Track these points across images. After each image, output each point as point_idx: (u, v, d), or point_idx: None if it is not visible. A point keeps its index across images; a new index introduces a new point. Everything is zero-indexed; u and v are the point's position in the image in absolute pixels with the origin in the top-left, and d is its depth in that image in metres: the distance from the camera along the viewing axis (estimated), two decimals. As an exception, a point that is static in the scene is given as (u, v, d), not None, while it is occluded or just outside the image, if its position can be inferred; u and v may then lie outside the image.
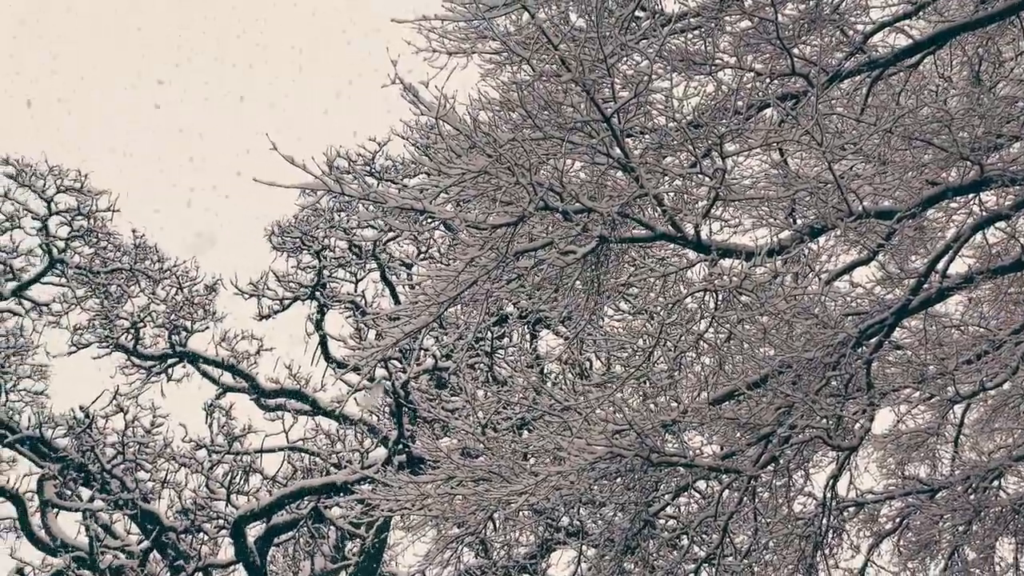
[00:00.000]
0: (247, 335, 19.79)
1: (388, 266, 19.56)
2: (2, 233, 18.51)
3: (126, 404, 18.74)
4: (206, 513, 18.31)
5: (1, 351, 19.20)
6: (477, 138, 8.66)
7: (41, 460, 18.31)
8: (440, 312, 9.26)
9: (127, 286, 19.53)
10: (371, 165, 19.35)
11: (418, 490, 10.93)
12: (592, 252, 9.11)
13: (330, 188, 8.95)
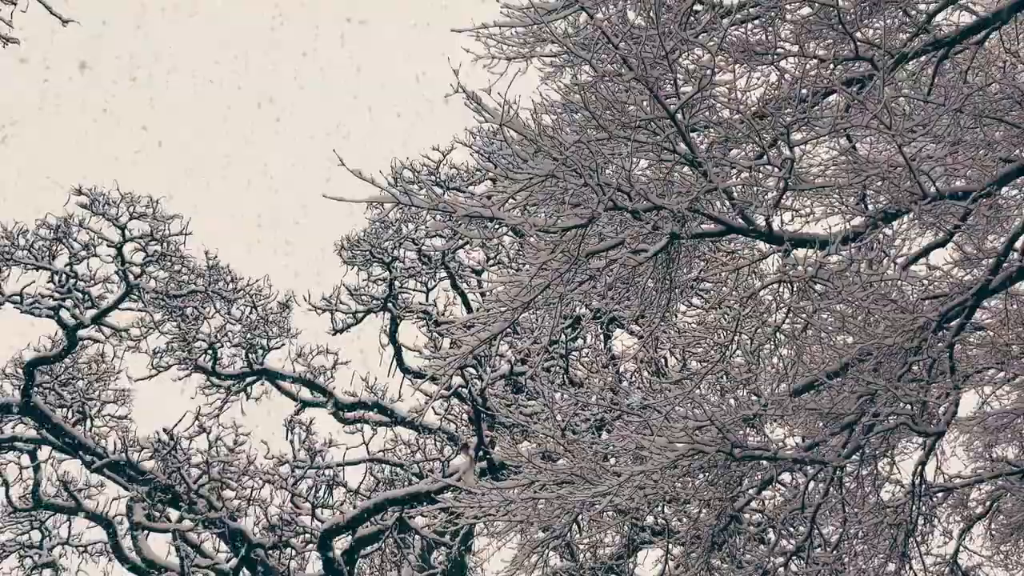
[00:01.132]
0: (322, 350, 19.98)
1: (458, 274, 19.64)
2: (79, 262, 18.82)
3: (208, 424, 19.00)
4: (293, 528, 18.50)
5: (84, 378, 19.54)
6: (542, 142, 8.67)
7: (128, 483, 18.61)
8: (515, 318, 9.27)
9: (202, 307, 19.77)
10: (436, 174, 19.44)
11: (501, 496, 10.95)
12: (663, 249, 9.08)
13: (399, 200, 9.01)
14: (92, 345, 19.60)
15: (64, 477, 19.52)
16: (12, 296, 18.30)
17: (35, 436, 19.23)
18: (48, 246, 18.65)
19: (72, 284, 18.57)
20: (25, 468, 19.57)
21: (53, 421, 18.81)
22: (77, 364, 19.62)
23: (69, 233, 18.73)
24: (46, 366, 18.90)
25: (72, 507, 19.39)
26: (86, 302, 18.77)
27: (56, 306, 18.54)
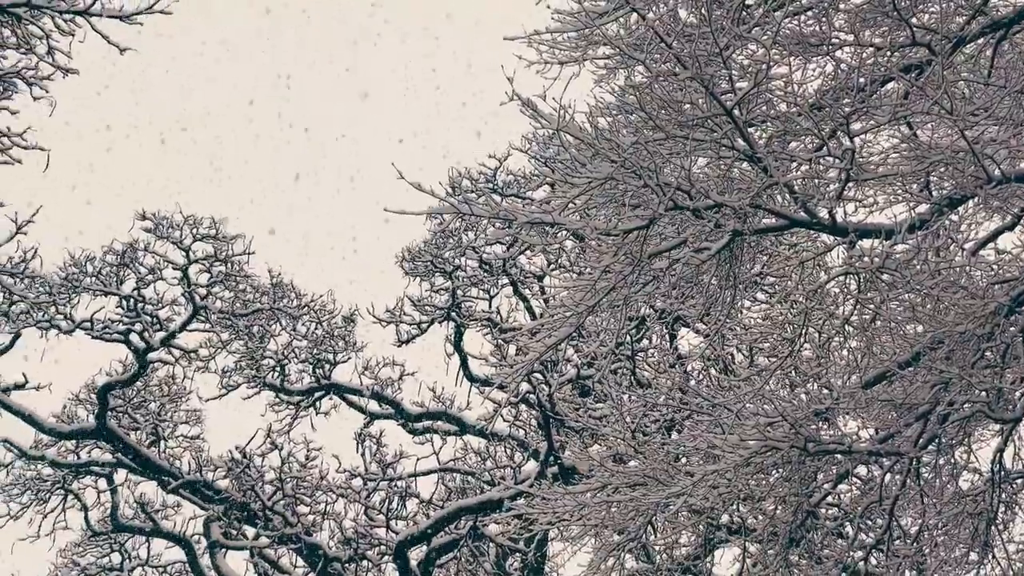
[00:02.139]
0: (388, 362, 20.09)
1: (520, 280, 19.66)
2: (146, 286, 19.06)
3: (279, 441, 19.17)
4: (368, 541, 18.61)
5: (156, 400, 19.79)
6: (600, 145, 8.67)
7: (204, 503, 18.82)
8: (580, 322, 9.28)
9: (268, 325, 19.95)
10: (493, 181, 19.49)
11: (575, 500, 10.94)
12: (726, 247, 9.04)
13: (460, 211, 9.05)
14: (162, 367, 19.85)
15: (141, 499, 19.79)
16: (83, 322, 18.56)
17: (111, 460, 19.50)
18: (115, 271, 18.91)
19: (140, 308, 18.82)
20: (103, 492, 19.86)
21: (128, 444, 19.06)
22: (148, 387, 19.88)
23: (135, 258, 18.98)
24: (119, 390, 19.16)
25: (150, 528, 19.65)
26: (155, 325, 19.00)
27: (126, 330, 18.79)
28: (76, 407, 19.59)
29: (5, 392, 18.30)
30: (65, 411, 19.49)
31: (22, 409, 18.61)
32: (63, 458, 19.52)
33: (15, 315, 17.86)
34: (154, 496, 19.85)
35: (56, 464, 19.40)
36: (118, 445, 19.08)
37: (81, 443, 19.46)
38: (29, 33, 13.21)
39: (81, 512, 19.76)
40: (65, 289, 18.40)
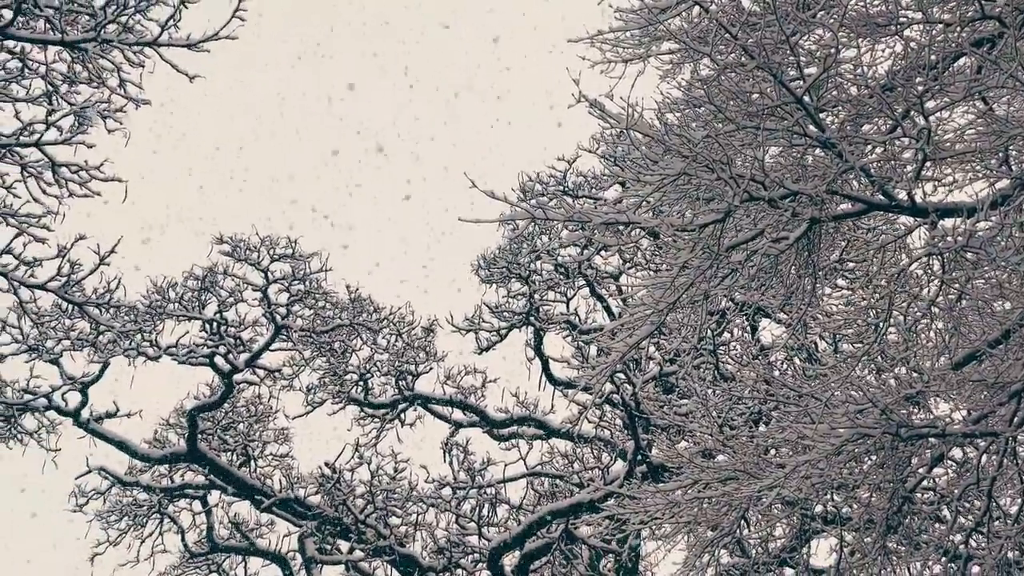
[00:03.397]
0: (470, 370, 20.14)
1: (596, 281, 19.62)
2: (228, 308, 19.30)
3: (367, 454, 19.31)
4: (461, 549, 18.68)
5: (244, 420, 20.04)
6: (670, 141, 8.64)
7: (298, 519, 19.01)
8: (661, 320, 9.25)
9: (349, 340, 20.10)
10: (564, 184, 19.48)
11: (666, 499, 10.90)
12: (804, 235, 8.97)
13: (533, 216, 9.07)
14: (248, 388, 20.09)
15: (235, 519, 20.04)
16: (169, 348, 18.83)
17: (204, 482, 19.78)
18: (197, 296, 19.16)
19: (223, 330, 19.06)
20: (198, 514, 20.15)
21: (219, 465, 19.31)
22: (236, 408, 20.13)
23: (215, 281, 19.22)
24: (207, 413, 19.42)
25: (246, 547, 19.90)
26: (238, 347, 19.23)
27: (210, 353, 19.03)
28: (167, 432, 19.90)
29: (98, 421, 18.64)
30: (156, 436, 19.80)
31: (115, 437, 18.94)
32: (157, 482, 19.83)
33: (103, 345, 18.17)
34: (248, 515, 20.12)
35: (151, 489, 19.72)
36: (210, 467, 19.34)
37: (174, 467, 19.76)
38: (100, 67, 13.45)
39: (178, 535, 20.06)
40: (150, 316, 18.69)
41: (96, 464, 19.28)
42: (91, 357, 18.26)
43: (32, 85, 13.28)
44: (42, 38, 12.88)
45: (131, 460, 19.57)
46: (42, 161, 13.20)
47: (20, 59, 13.22)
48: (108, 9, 12.87)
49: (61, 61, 13.47)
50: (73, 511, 19.39)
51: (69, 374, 18.13)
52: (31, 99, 13.14)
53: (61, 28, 12.70)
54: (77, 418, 18.41)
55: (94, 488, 19.49)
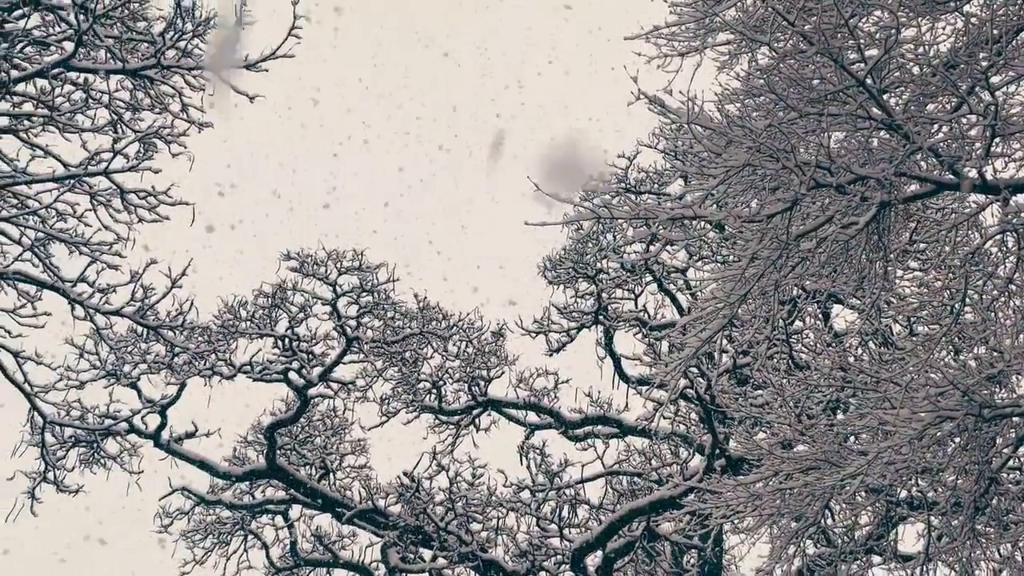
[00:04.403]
0: (542, 372, 20.14)
1: (664, 276, 19.55)
2: (299, 324, 19.45)
3: (445, 462, 19.38)
4: (543, 552, 18.68)
5: (321, 434, 20.20)
6: (732, 133, 8.59)
7: (379, 529, 19.12)
8: (733, 313, 9.20)
9: (420, 349, 20.18)
10: (626, 181, 19.42)
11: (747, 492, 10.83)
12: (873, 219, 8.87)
13: (599, 216, 9.05)
14: (323, 401, 20.24)
15: (317, 532, 20.20)
16: (243, 367, 19.03)
17: (285, 497, 19.96)
18: (268, 313, 19.33)
19: (296, 346, 19.21)
20: (280, 528, 20.34)
21: (299, 480, 19.48)
22: (312, 422, 20.29)
23: (285, 298, 19.38)
24: (284, 428, 19.59)
25: (329, 560, 20.04)
26: (311, 361, 19.37)
27: (284, 369, 19.19)
28: (246, 449, 20.11)
29: (178, 442, 18.87)
30: (236, 454, 20.02)
31: (195, 456, 19.18)
32: (239, 500, 20.05)
33: (179, 366, 18.39)
34: (330, 528, 20.26)
35: (233, 506, 19.94)
36: (290, 482, 19.51)
37: (255, 483, 19.96)
38: (161, 93, 13.63)
39: (262, 551, 20.26)
40: (223, 336, 18.89)
41: (179, 484, 19.54)
42: (168, 379, 18.50)
43: (97, 115, 13.51)
44: (104, 68, 13.08)
45: (212, 479, 19.80)
46: (110, 189, 13.40)
47: (84, 90, 13.44)
48: (167, 35, 13.04)
49: (123, 89, 13.68)
50: (158, 532, 19.66)
51: (148, 397, 18.38)
52: (96, 129, 13.36)
53: (122, 57, 12.88)
54: (157, 440, 18.66)
55: (178, 508, 19.76)
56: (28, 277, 13.07)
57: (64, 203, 13.22)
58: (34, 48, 13.20)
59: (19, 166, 13.28)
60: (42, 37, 13.09)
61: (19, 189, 13.13)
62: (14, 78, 12.40)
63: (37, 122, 13.05)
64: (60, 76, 13.05)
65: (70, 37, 12.90)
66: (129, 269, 13.41)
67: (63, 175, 13.09)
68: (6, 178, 13.08)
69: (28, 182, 13.08)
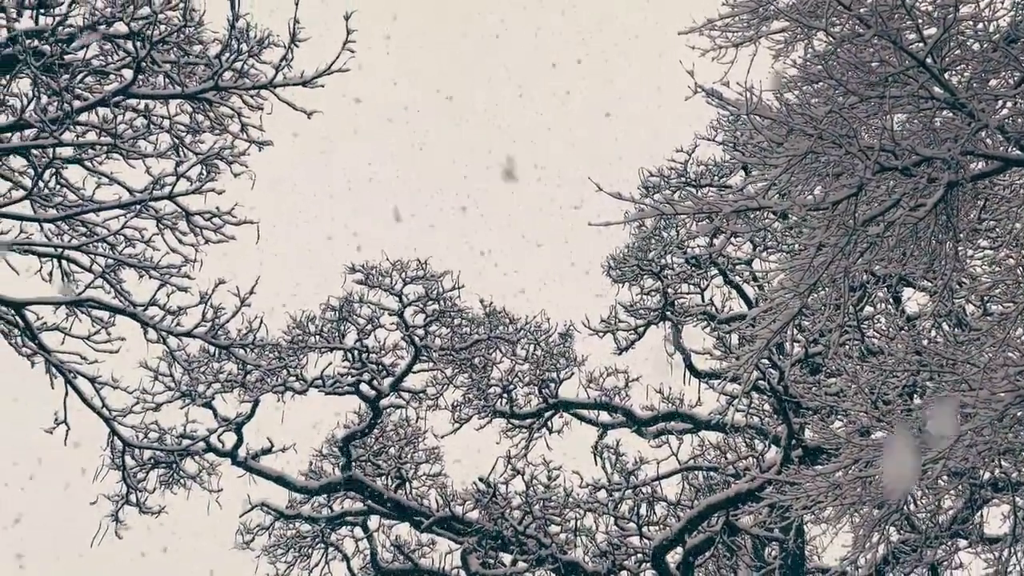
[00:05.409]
0: (612, 371, 20.10)
1: (729, 269, 19.43)
2: (367, 336, 19.57)
3: (519, 465, 19.39)
4: (623, 551, 18.63)
5: (395, 444, 20.29)
6: (793, 121, 8.52)
7: (458, 536, 19.17)
8: (803, 303, 9.13)
9: (489, 354, 20.22)
10: (685, 175, 19.34)
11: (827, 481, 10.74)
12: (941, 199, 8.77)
13: (662, 212, 9.02)
14: (395, 411, 20.33)
15: (397, 541, 20.30)
16: (315, 381, 19.18)
17: (363, 508, 20.07)
18: (336, 327, 19.47)
19: (365, 358, 19.33)
20: (360, 540, 20.46)
21: (376, 490, 19.59)
22: (386, 432, 20.39)
23: (352, 310, 19.50)
24: (358, 440, 19.70)
25: (410, 569, 20.12)
26: (381, 372, 19.48)
27: (355, 382, 19.32)
28: (321, 462, 20.25)
29: (254, 458, 19.05)
30: (312, 468, 20.17)
31: (272, 472, 19.35)
32: (318, 513, 20.20)
33: (251, 384, 18.57)
34: (409, 537, 20.35)
35: (312, 520, 20.09)
36: (367, 493, 19.62)
37: (332, 496, 20.09)
38: (220, 114, 13.77)
39: (343, 562, 20.39)
40: (293, 351, 19.04)
41: (257, 500, 19.73)
42: (242, 397, 18.69)
43: (159, 140, 13.68)
44: (163, 93, 13.24)
45: (290, 493, 19.97)
46: (176, 212, 13.56)
47: (145, 116, 13.61)
48: (223, 57, 13.17)
49: (183, 113, 13.85)
50: (241, 548, 19.85)
51: (223, 416, 18.58)
52: (159, 154, 13.52)
53: (180, 81, 13.04)
54: (235, 458, 18.86)
55: (258, 524, 19.94)
56: (101, 303, 13.24)
57: (132, 228, 13.38)
58: (94, 78, 13.39)
59: (86, 194, 13.48)
60: (101, 66, 13.28)
61: (87, 217, 13.31)
62: (77, 108, 12.58)
63: (101, 150, 13.24)
64: (121, 104, 13.23)
65: (128, 65, 13.07)
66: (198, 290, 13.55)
67: (129, 201, 13.25)
68: (74, 207, 13.28)
69: (95, 210, 13.26)
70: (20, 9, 12.61)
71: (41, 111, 12.48)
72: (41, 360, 13.30)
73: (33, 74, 12.30)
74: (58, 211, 13.19)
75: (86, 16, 12.91)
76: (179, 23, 13.05)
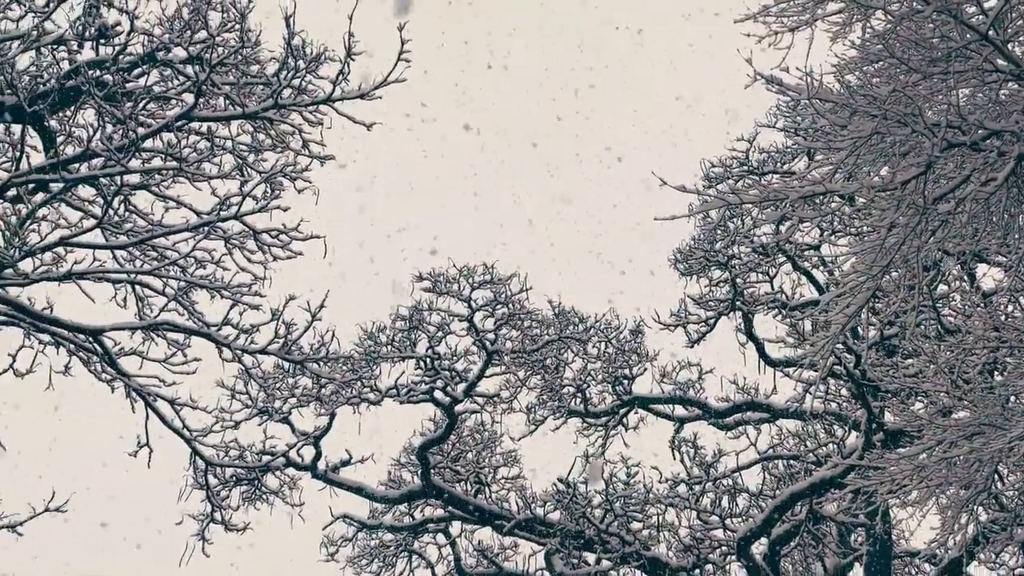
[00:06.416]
0: (684, 364, 20.01)
1: (797, 255, 19.27)
2: (438, 343, 19.63)
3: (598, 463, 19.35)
4: (707, 544, 18.54)
5: (472, 449, 20.35)
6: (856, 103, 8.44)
7: (540, 538, 19.18)
8: (876, 285, 9.03)
9: (560, 355, 20.20)
10: (747, 163, 19.21)
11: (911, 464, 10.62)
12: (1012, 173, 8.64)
13: (728, 202, 8.97)
14: (471, 416, 20.38)
15: (479, 546, 20.35)
16: (389, 391, 19.28)
17: (443, 514, 20.16)
18: (407, 335, 19.56)
19: (437, 365, 19.40)
20: (443, 546, 20.55)
21: (456, 496, 19.66)
22: (462, 438, 20.45)
23: (422, 319, 19.59)
24: (435, 447, 19.78)
25: (494, 572, 20.17)
26: (454, 378, 19.54)
27: (429, 389, 19.40)
28: (400, 471, 20.36)
29: (334, 471, 19.19)
30: (391, 477, 20.28)
31: (352, 483, 19.49)
32: (399, 521, 20.31)
33: (327, 397, 18.70)
34: (491, 541, 20.39)
35: (395, 528, 20.21)
36: (447, 499, 19.70)
37: (413, 504, 20.19)
38: (281, 132, 13.89)
39: (427, 570, 20.49)
40: (366, 363, 19.16)
41: (339, 512, 19.87)
42: (318, 411, 18.83)
43: (222, 161, 13.82)
44: (225, 115, 13.39)
45: (371, 504, 20.09)
46: (243, 231, 13.69)
47: (208, 138, 13.78)
48: (281, 75, 13.29)
49: (244, 133, 13.99)
50: (326, 560, 20.01)
51: (301, 430, 18.72)
52: (224, 175, 13.66)
53: (240, 102, 13.17)
54: (314, 471, 19.01)
55: (341, 536, 20.09)
56: (175, 326, 13.40)
57: (201, 250, 13.53)
58: (156, 104, 13.57)
59: (154, 219, 13.66)
60: (162, 92, 13.45)
61: (158, 241, 13.48)
62: (142, 135, 12.75)
63: (167, 175, 13.40)
64: (184, 128, 13.39)
65: (189, 89, 13.24)
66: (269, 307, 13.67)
67: (197, 223, 13.40)
68: (144, 232, 13.46)
69: (165, 234, 13.42)
70: (81, 41, 12.81)
71: (107, 140, 12.66)
72: (120, 385, 13.50)
73: (97, 104, 12.49)
74: (128, 237, 13.38)
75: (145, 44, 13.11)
76: (236, 44, 13.19)
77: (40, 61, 12.98)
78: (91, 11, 12.69)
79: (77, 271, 12.94)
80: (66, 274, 12.88)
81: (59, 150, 12.78)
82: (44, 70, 12.98)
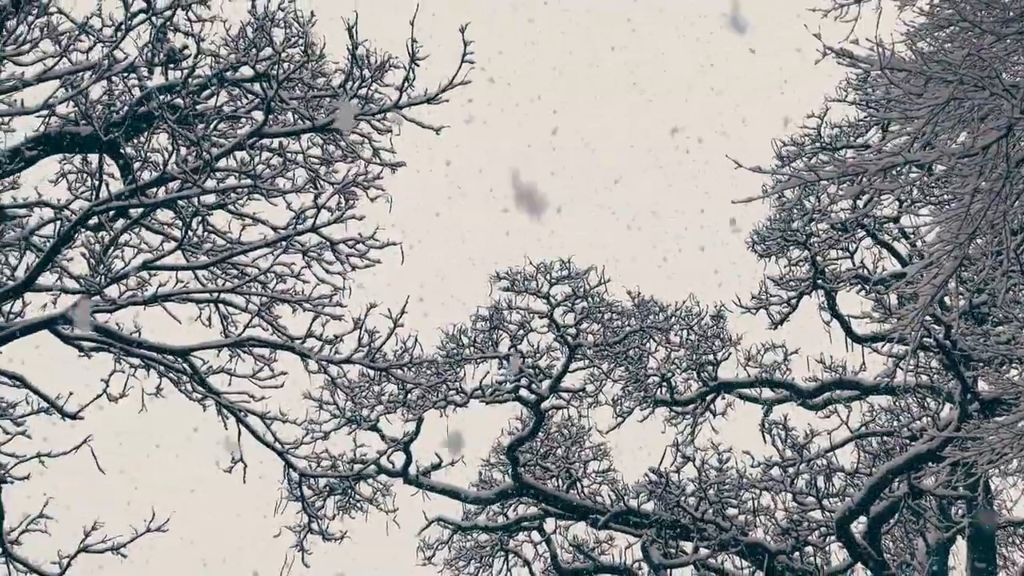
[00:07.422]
0: (769, 346, 19.84)
1: (876, 229, 19.00)
2: (520, 341, 19.65)
3: (688, 452, 19.26)
4: (806, 526, 18.37)
5: (561, 445, 20.34)
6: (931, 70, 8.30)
7: (636, 530, 19.13)
8: (964, 253, 8.88)
9: (643, 345, 20.13)
10: (820, 139, 18.96)
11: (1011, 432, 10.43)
12: (1096, 129, 8.45)
13: (806, 180, 8.86)
14: (557, 412, 20.37)
15: (575, 541, 20.34)
16: (475, 392, 19.33)
17: (537, 512, 20.17)
18: (488, 335, 19.60)
19: (522, 364, 19.40)
20: (538, 544, 20.56)
21: (548, 493, 19.67)
22: (550, 435, 20.45)
23: (502, 318, 19.61)
24: (524, 445, 19.79)
25: (592, 567, 20.15)
26: (539, 375, 19.55)
27: (514, 387, 19.42)
28: (491, 471, 20.41)
29: (425, 475, 19.29)
30: (482, 478, 20.34)
31: (444, 486, 19.58)
32: (493, 521, 20.36)
33: (413, 402, 18.81)
34: (586, 535, 20.37)
35: (489, 529, 20.26)
36: (539, 496, 19.71)
37: (506, 503, 20.22)
38: (351, 142, 13.98)
39: (524, 568, 20.52)
40: (449, 366, 19.23)
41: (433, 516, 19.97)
42: (405, 416, 18.94)
43: (295, 175, 13.94)
44: (295, 129, 13.51)
45: (464, 505, 20.16)
46: (320, 243, 13.81)
47: (279, 153, 13.90)
48: (347, 86, 13.38)
49: (315, 146, 14.09)
50: (423, 565, 20.13)
51: (390, 436, 18.83)
52: (298, 189, 13.78)
53: (309, 116, 13.27)
54: (406, 476, 19.12)
55: (437, 539, 20.18)
56: (260, 341, 13.56)
57: (280, 265, 13.67)
58: (227, 123, 13.73)
59: (233, 237, 13.82)
60: (232, 112, 13.60)
61: (237, 259, 13.64)
62: (215, 155, 12.91)
63: (243, 192, 13.55)
64: (256, 145, 13.53)
65: (258, 107, 13.37)
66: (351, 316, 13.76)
67: (275, 238, 13.54)
68: (224, 251, 13.62)
69: (244, 251, 13.58)
70: (151, 67, 12.99)
71: (182, 162, 12.83)
72: (211, 403, 13.68)
73: (170, 128, 12.66)
74: (209, 257, 13.57)
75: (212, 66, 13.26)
76: (301, 59, 13.29)
77: (112, 89, 13.19)
78: (159, 37, 12.85)
79: (162, 293, 13.15)
80: (151, 297, 13.10)
81: (136, 176, 12.98)
82: (116, 98, 13.19)
